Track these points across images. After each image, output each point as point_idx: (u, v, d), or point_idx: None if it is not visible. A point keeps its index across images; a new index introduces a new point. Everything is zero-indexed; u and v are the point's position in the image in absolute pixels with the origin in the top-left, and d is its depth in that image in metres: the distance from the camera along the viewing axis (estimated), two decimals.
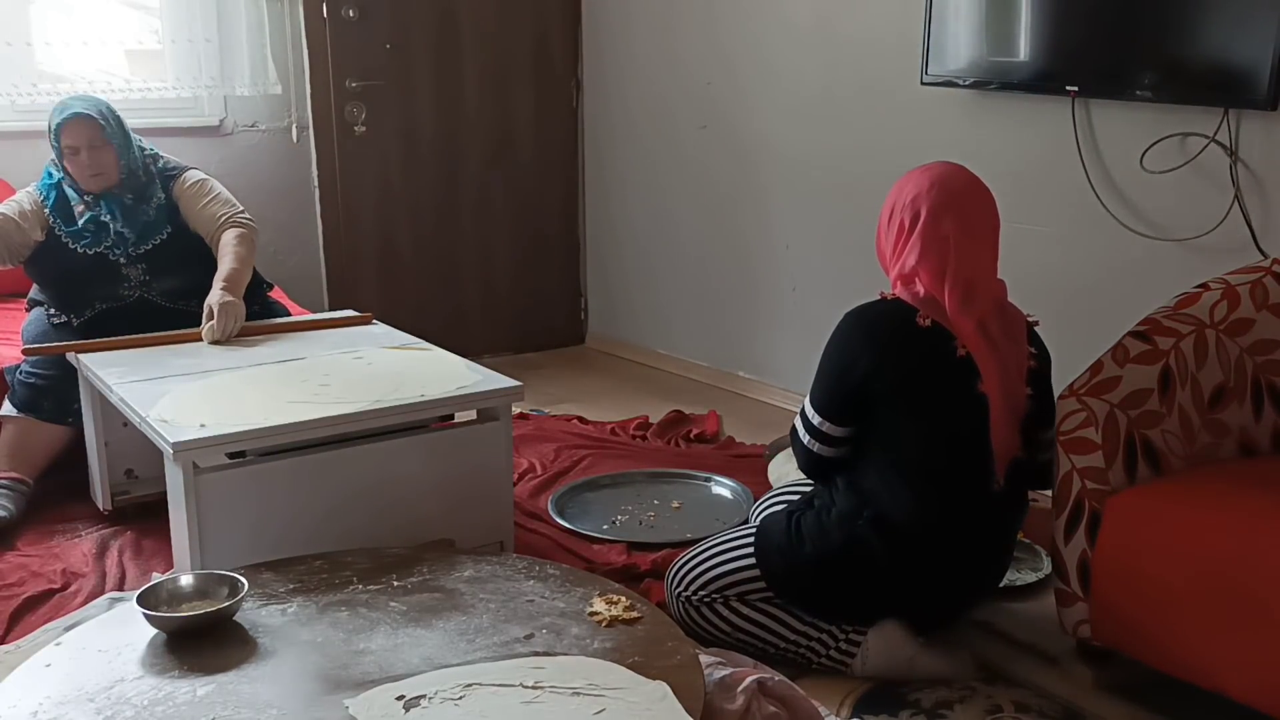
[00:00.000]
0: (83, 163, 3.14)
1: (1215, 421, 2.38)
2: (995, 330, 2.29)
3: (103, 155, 3.16)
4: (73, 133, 3.12)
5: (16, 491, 3.08)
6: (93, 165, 3.15)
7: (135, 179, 3.23)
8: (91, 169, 3.15)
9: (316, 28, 4.36)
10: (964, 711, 2.27)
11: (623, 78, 4.74)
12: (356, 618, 2.08)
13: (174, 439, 2.38)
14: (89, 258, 3.18)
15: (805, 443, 2.39)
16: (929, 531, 2.29)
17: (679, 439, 3.86)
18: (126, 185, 3.21)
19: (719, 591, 2.43)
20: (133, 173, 3.22)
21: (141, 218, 3.22)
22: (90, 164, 3.14)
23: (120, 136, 3.19)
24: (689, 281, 4.62)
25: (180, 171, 3.32)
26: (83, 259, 3.18)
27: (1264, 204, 2.91)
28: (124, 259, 3.20)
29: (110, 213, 3.18)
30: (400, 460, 2.66)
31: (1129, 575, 2.19)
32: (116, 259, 3.20)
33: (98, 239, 3.18)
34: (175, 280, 3.25)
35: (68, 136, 3.12)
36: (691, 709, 1.80)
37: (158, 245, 3.23)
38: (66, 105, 3.17)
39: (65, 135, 3.12)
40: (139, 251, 3.21)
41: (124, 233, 3.19)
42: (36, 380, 3.11)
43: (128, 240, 3.20)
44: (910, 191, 2.31)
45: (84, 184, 3.17)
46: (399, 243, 4.67)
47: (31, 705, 1.82)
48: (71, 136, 3.13)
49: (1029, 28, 3.29)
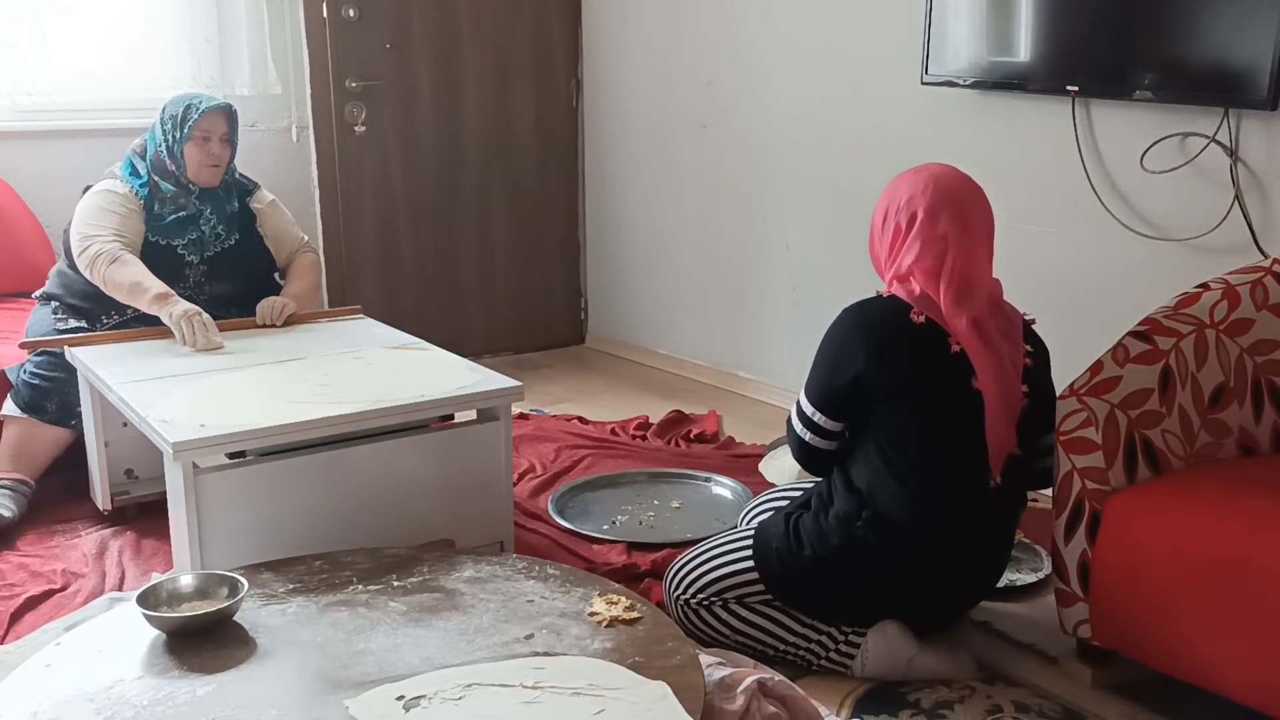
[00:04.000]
0: (211, 152, 3.23)
1: (1215, 421, 2.38)
2: (990, 327, 2.29)
3: (225, 151, 3.28)
4: (213, 121, 3.22)
5: (18, 492, 3.08)
6: (216, 157, 3.24)
7: (229, 182, 3.35)
8: (216, 159, 3.25)
9: (316, 28, 4.36)
10: (964, 711, 2.27)
11: (623, 77, 4.74)
12: (356, 618, 2.08)
13: (174, 439, 2.38)
14: (160, 248, 3.22)
15: (801, 434, 2.39)
16: (926, 529, 2.29)
17: (679, 439, 3.86)
18: (225, 185, 3.33)
19: (718, 595, 2.43)
20: (231, 176, 3.35)
21: (229, 219, 3.32)
22: (217, 154, 3.24)
23: (236, 138, 3.32)
24: (689, 281, 4.62)
25: (256, 186, 3.46)
26: (152, 247, 3.21)
27: (1264, 204, 2.91)
28: (196, 257, 3.26)
29: (210, 208, 3.27)
30: (400, 460, 2.66)
31: (1129, 575, 2.19)
32: (184, 254, 3.25)
33: (184, 231, 3.24)
34: (229, 286, 3.31)
35: (207, 123, 3.21)
36: (691, 709, 1.80)
37: (227, 249, 3.31)
38: (200, 97, 3.27)
39: (206, 121, 3.21)
40: (212, 252, 3.28)
41: (219, 228, 3.29)
42: (41, 382, 3.10)
43: (219, 238, 3.29)
44: (905, 193, 2.31)
45: (196, 174, 3.24)
46: (399, 243, 4.67)
47: (31, 705, 1.82)
48: (210, 124, 3.22)
49: (1029, 28, 3.29)
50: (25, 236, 3.89)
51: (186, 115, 3.21)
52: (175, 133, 3.21)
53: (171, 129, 3.21)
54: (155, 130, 3.25)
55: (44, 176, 3.96)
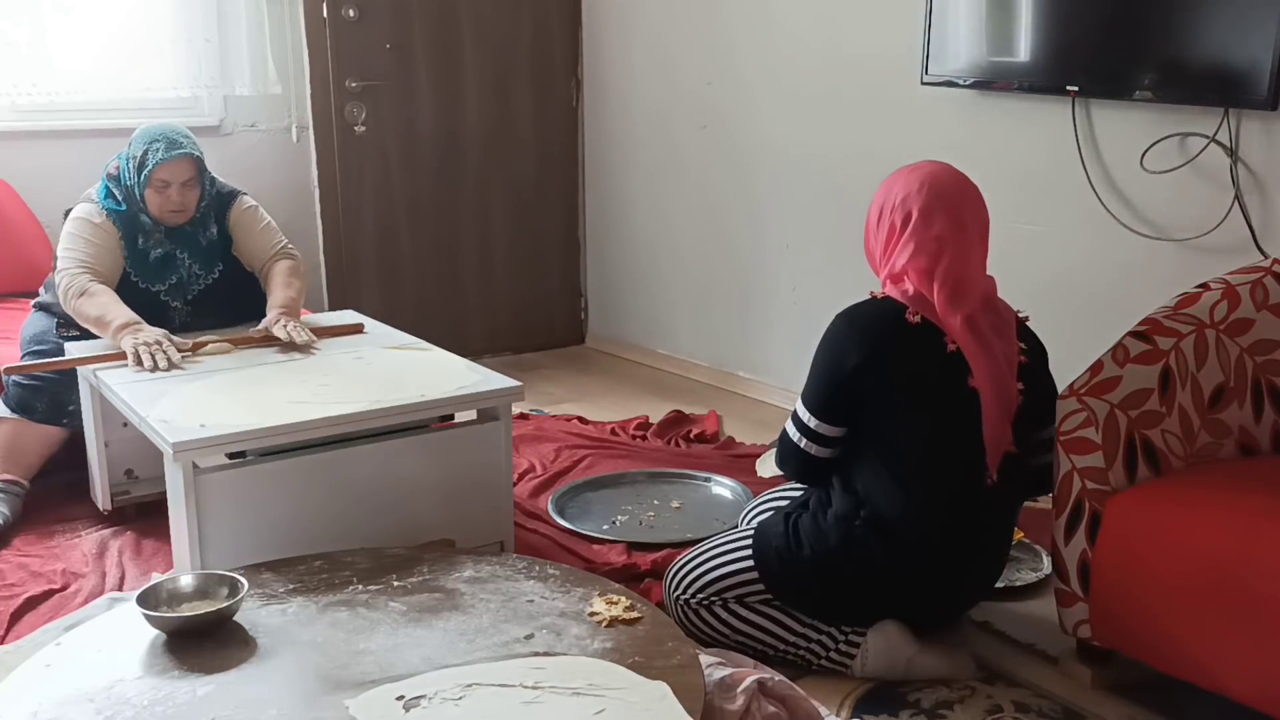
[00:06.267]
0: (171, 198, 3.07)
1: (1215, 421, 2.38)
2: (984, 326, 2.29)
3: (190, 195, 3.11)
4: (173, 170, 3.05)
5: (11, 494, 3.08)
6: (179, 203, 3.09)
7: (203, 215, 3.19)
8: (176, 206, 3.09)
9: (316, 28, 4.36)
10: (964, 711, 2.27)
11: (623, 77, 4.74)
12: (356, 618, 2.08)
13: (174, 439, 2.38)
14: (141, 293, 3.13)
15: (797, 442, 2.37)
16: (923, 528, 2.29)
17: (679, 439, 3.86)
18: (196, 222, 3.18)
19: (717, 594, 2.43)
20: (203, 210, 3.19)
21: (206, 254, 3.19)
22: (178, 201, 3.09)
23: (207, 176, 3.16)
24: (689, 281, 4.62)
25: (235, 195, 3.28)
26: (134, 292, 3.11)
27: (1264, 204, 2.91)
28: (179, 301, 3.17)
29: (183, 250, 3.16)
30: (400, 460, 2.66)
31: (1129, 575, 2.19)
32: (167, 300, 3.16)
33: (164, 275, 3.15)
34: (214, 321, 3.19)
35: (165, 172, 3.04)
36: (691, 709, 1.80)
37: (208, 285, 3.22)
38: (167, 138, 3.06)
39: (164, 170, 3.03)
40: (194, 293, 3.19)
41: (195, 270, 3.18)
42: (31, 381, 3.09)
43: (198, 279, 3.18)
44: (900, 192, 2.31)
45: (161, 218, 3.11)
46: (399, 243, 4.67)
47: (31, 705, 1.82)
48: (169, 173, 3.04)
49: (1029, 28, 3.29)
50: (25, 236, 3.90)
51: (144, 161, 3.04)
52: (135, 175, 3.06)
53: (133, 169, 3.07)
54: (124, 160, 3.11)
55: (44, 176, 3.96)
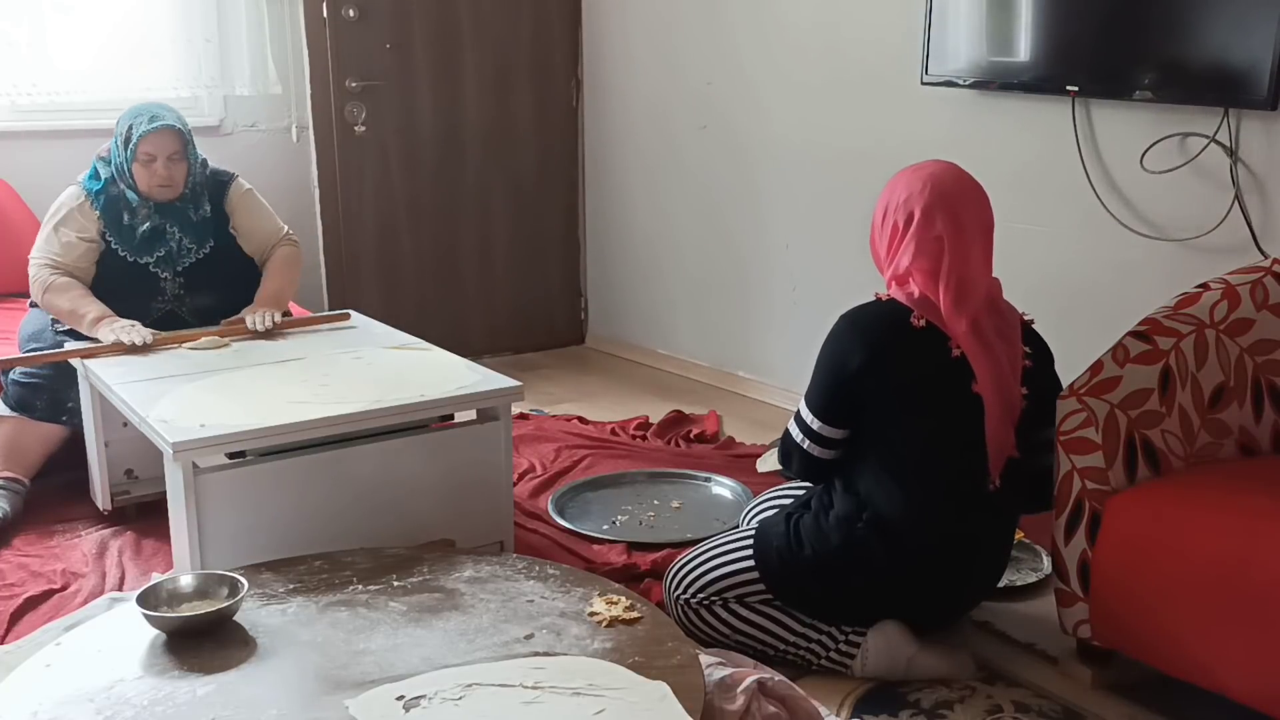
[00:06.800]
0: (158, 172, 3.11)
1: (1215, 421, 2.38)
2: (989, 329, 2.28)
3: (177, 169, 3.15)
4: (157, 143, 3.09)
5: (12, 491, 3.08)
6: (166, 177, 3.13)
7: (194, 192, 3.22)
8: (164, 180, 3.13)
9: (316, 28, 4.36)
10: (964, 711, 2.27)
11: (623, 77, 4.74)
12: (356, 618, 2.08)
13: (174, 439, 2.38)
14: (131, 266, 3.16)
15: (800, 443, 2.38)
16: (925, 531, 2.29)
17: (679, 439, 3.86)
18: (186, 198, 3.21)
19: (718, 594, 2.43)
20: (193, 187, 3.22)
21: (197, 230, 3.22)
22: (165, 175, 3.13)
23: (194, 152, 3.19)
24: (689, 281, 4.62)
25: (230, 178, 3.32)
26: (123, 266, 3.15)
27: (1264, 204, 2.91)
28: (169, 273, 3.19)
29: (173, 224, 3.18)
30: (400, 460, 2.66)
31: (1129, 575, 2.19)
32: (157, 272, 3.18)
33: (151, 248, 3.16)
34: (209, 298, 3.23)
35: (149, 145, 3.09)
36: (691, 709, 1.80)
37: (201, 259, 3.23)
38: (150, 112, 3.13)
39: (147, 144, 3.09)
40: (184, 265, 3.21)
41: (186, 244, 3.19)
42: (30, 379, 3.09)
43: (189, 252, 3.20)
44: (903, 192, 2.31)
45: (150, 193, 3.14)
46: (399, 243, 4.67)
47: (31, 705, 1.82)
48: (154, 146, 3.09)
49: (1029, 28, 3.28)
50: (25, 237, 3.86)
51: (129, 135, 3.09)
52: (123, 150, 3.11)
53: (121, 145, 3.12)
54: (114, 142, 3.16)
55: (44, 176, 3.94)
